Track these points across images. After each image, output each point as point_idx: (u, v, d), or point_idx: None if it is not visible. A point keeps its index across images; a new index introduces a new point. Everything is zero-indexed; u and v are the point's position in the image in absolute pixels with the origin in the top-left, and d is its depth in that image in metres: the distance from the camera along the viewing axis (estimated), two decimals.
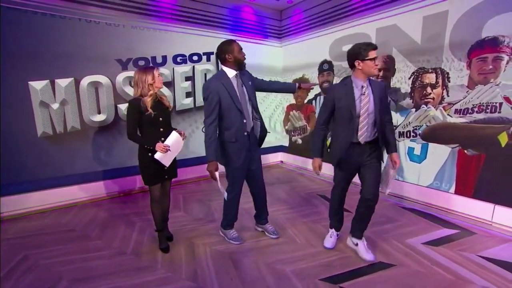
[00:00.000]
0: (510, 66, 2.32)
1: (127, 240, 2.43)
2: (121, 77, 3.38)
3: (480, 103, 2.51)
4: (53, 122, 3.09)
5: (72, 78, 3.13)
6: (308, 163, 4.48)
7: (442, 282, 1.82)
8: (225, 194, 2.24)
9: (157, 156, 2.02)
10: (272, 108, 4.87)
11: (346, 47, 3.62)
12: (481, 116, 2.51)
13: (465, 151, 2.63)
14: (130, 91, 3.42)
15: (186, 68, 3.80)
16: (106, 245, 2.36)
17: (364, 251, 2.09)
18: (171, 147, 2.06)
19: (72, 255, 2.20)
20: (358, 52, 1.83)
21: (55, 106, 3.08)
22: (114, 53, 3.34)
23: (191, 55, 3.85)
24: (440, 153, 2.82)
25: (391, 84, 3.22)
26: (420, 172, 3.00)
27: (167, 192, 2.33)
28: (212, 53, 4.00)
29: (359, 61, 1.83)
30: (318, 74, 4.17)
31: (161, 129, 2.10)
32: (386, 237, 2.39)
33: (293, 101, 4.73)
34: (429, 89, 2.86)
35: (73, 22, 3.07)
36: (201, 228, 2.64)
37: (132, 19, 3.39)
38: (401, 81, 3.13)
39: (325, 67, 4.06)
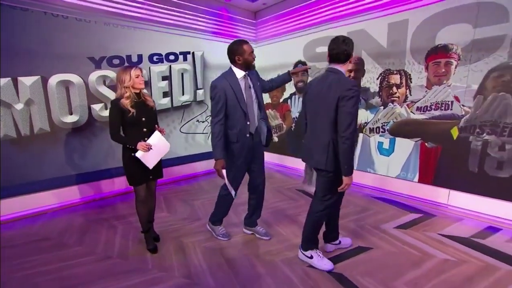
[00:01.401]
0: (458, 70, 2.68)
1: (111, 244, 2.36)
2: (94, 76, 3.23)
3: (436, 101, 2.85)
4: (17, 124, 2.86)
5: (38, 77, 2.92)
6: (284, 160, 4.66)
7: (412, 258, 2.06)
8: (233, 192, 2.21)
9: (138, 154, 1.99)
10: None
11: (320, 49, 3.93)
12: (437, 113, 2.85)
13: (426, 144, 2.97)
14: (104, 91, 3.29)
15: (162, 68, 3.74)
16: (88, 251, 2.27)
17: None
18: (153, 146, 2.04)
19: (51, 265, 2.09)
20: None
21: (19, 106, 2.85)
22: (86, 51, 3.18)
23: (168, 54, 3.79)
24: (405, 146, 3.14)
25: (361, 84, 3.50)
26: (389, 164, 3.31)
27: (152, 193, 2.31)
28: (189, 52, 3.98)
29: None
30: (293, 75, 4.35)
31: (144, 129, 2.08)
32: (362, 225, 2.62)
33: (269, 100, 4.87)
34: (394, 89, 3.17)
35: (38, 15, 2.85)
36: (187, 227, 2.65)
37: (104, 15, 3.25)
38: (370, 81, 3.41)
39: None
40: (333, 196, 1.89)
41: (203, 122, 4.27)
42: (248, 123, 2.11)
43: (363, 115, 3.51)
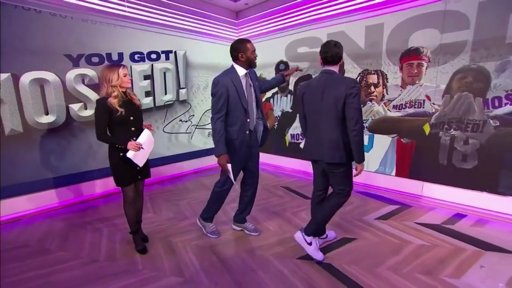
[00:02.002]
0: (428, 71, 2.90)
1: (97, 248, 2.30)
2: (72, 74, 3.09)
3: (410, 100, 3.07)
4: None
5: (9, 74, 2.75)
6: (268, 159, 4.74)
7: (392, 246, 2.22)
8: (237, 186, 2.26)
9: (130, 155, 1.96)
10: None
11: (301, 49, 4.05)
12: (411, 110, 3.07)
13: (402, 139, 3.18)
14: (84, 90, 3.17)
15: (144, 67, 3.66)
16: (72, 255, 2.19)
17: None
18: (143, 145, 2.02)
19: (34, 271, 1.99)
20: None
21: None
22: (62, 48, 3.04)
23: (149, 53, 3.72)
24: (383, 142, 3.34)
25: None
26: (368, 160, 3.50)
27: (140, 193, 2.28)
28: (171, 51, 3.93)
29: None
30: (275, 74, 4.44)
31: (132, 129, 2.05)
32: (346, 217, 2.75)
33: None
34: (372, 88, 3.36)
35: (7, 8, 2.68)
36: (175, 227, 2.64)
37: (81, 11, 3.12)
38: None
39: (282, 67, 4.35)
40: (350, 188, 2.00)
41: (186, 121, 4.24)
42: (248, 120, 2.15)
43: None
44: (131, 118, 2.04)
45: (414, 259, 2.03)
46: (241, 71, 2.11)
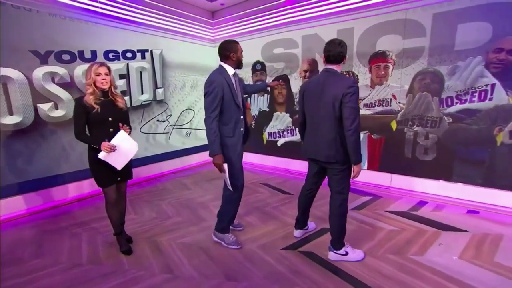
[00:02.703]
0: (394, 73, 3.18)
1: (77, 252, 2.22)
2: (39, 72, 2.92)
3: (378, 99, 3.34)
4: None
5: None
6: (247, 156, 4.82)
7: (367, 232, 2.43)
8: (230, 187, 2.17)
9: (101, 155, 1.92)
10: None
11: (277, 50, 4.19)
12: (380, 108, 3.34)
13: (372, 135, 3.45)
14: (54, 89, 3.01)
15: (119, 65, 3.56)
16: (51, 262, 2.10)
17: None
18: (118, 147, 1.97)
19: (10, 281, 1.89)
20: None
21: None
22: (27, 44, 2.85)
23: (125, 51, 3.62)
24: None
25: None
26: None
27: (122, 194, 2.25)
28: (147, 50, 3.86)
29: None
30: (252, 74, 4.54)
31: (111, 130, 2.01)
32: (323, 210, 2.91)
33: None
34: None
35: None
36: (159, 227, 2.63)
37: (48, 4, 2.96)
38: None
39: (258, 67, 4.46)
40: (348, 186, 2.01)
41: (163, 121, 4.18)
42: (242, 117, 2.17)
43: None
44: (110, 119, 2.00)
45: (386, 242, 2.25)
46: (230, 70, 2.12)
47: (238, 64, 2.16)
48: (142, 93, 3.84)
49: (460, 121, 2.85)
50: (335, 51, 1.86)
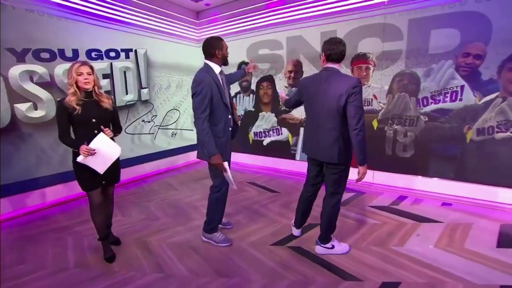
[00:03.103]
0: (374, 74, 3.34)
1: (63, 256, 2.17)
2: (16, 70, 2.79)
3: None
4: None
5: None
6: (233, 156, 4.85)
7: (351, 226, 2.54)
8: (234, 185, 2.12)
9: (79, 159, 1.85)
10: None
11: (262, 51, 4.26)
12: None
13: None
14: (32, 88, 2.90)
15: (102, 65, 3.48)
16: (35, 267, 2.04)
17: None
18: (98, 150, 1.88)
19: None
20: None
21: None
22: (3, 41, 2.73)
23: (108, 51, 3.54)
24: None
25: None
26: None
27: (109, 198, 2.19)
28: (131, 50, 3.80)
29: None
30: None
31: (95, 131, 1.92)
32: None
33: None
34: None
35: None
36: (147, 227, 2.61)
37: (26, 0, 2.85)
38: None
39: (243, 67, 4.50)
40: (344, 187, 2.03)
41: (149, 122, 4.12)
42: (229, 116, 2.14)
43: (304, 111, 3.98)
44: (93, 120, 1.92)
45: (369, 235, 2.37)
46: (216, 68, 2.08)
47: (224, 62, 2.12)
48: (127, 94, 3.77)
49: (435, 120, 3.04)
50: (338, 50, 1.81)
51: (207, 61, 2.09)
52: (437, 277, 1.83)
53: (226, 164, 2.01)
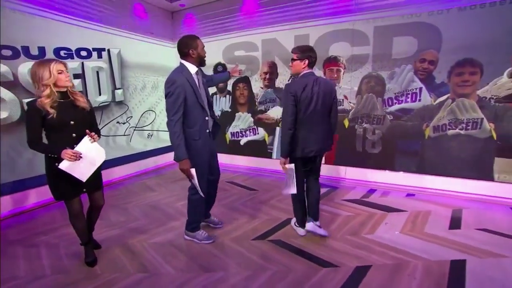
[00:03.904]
0: (345, 76, 3.58)
1: (38, 263, 2.09)
2: None
3: None
4: None
5: None
6: None
7: (327, 219, 2.71)
8: (201, 192, 2.11)
9: (63, 165, 1.70)
10: None
11: (238, 53, 4.34)
12: None
13: None
14: None
15: (73, 64, 3.34)
16: (7, 277, 1.94)
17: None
18: (84, 155, 1.75)
19: None
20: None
21: None
22: None
23: (79, 49, 3.41)
24: None
25: (276, 84, 4.11)
26: None
27: (98, 208, 2.09)
28: (104, 49, 3.69)
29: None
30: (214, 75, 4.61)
31: (74, 135, 1.80)
32: (289, 202, 3.16)
33: None
34: None
35: None
36: (128, 229, 2.58)
37: None
38: (283, 82, 4.05)
39: (219, 69, 4.55)
40: None
41: (124, 123, 4.02)
42: (206, 118, 2.12)
43: (279, 111, 4.13)
44: (71, 122, 1.79)
45: (344, 226, 2.56)
46: (192, 68, 2.03)
47: (200, 62, 2.06)
48: (100, 94, 3.66)
49: (399, 118, 3.33)
50: (316, 56, 2.14)
51: (182, 61, 2.05)
52: (402, 258, 2.04)
53: (193, 171, 1.98)
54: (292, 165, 2.15)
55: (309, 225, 2.37)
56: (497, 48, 2.74)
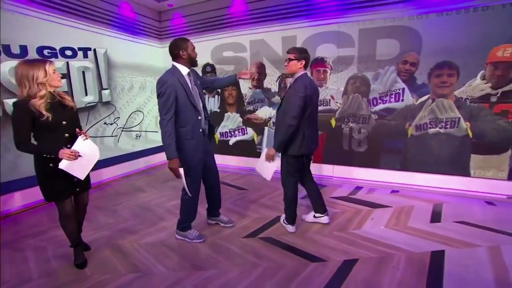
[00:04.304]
0: (331, 77, 3.68)
1: (25, 268, 2.04)
2: None
3: (319, 99, 3.79)
4: None
5: None
6: None
7: None
8: (189, 193, 2.17)
9: (62, 165, 1.70)
10: (157, 109, 4.84)
11: (227, 53, 4.37)
12: (321, 108, 3.79)
13: None
14: None
15: (58, 64, 3.24)
16: None
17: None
18: (82, 154, 1.77)
19: None
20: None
21: None
22: None
23: (63, 49, 3.33)
24: None
25: (264, 85, 4.16)
26: None
27: (84, 207, 2.10)
28: (90, 49, 3.63)
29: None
30: (202, 75, 4.62)
31: (66, 135, 1.80)
32: (278, 200, 3.23)
33: None
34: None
35: None
36: (117, 231, 2.56)
37: None
38: (271, 83, 4.11)
39: (208, 69, 4.57)
40: None
41: (111, 124, 3.97)
42: (199, 117, 2.16)
43: (267, 111, 4.20)
44: (64, 122, 1.79)
45: (332, 222, 2.64)
46: (184, 69, 2.09)
47: (191, 62, 2.13)
48: (86, 95, 3.60)
49: (383, 117, 3.46)
50: (309, 58, 2.30)
51: (174, 63, 2.12)
52: (387, 251, 2.14)
53: (181, 170, 2.03)
54: (278, 159, 2.39)
55: (325, 218, 2.60)
56: (472, 52, 2.91)
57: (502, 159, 2.98)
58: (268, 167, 2.40)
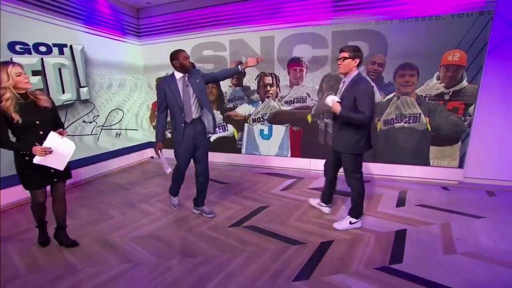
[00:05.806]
0: (307, 76, 3.91)
1: (10, 265, 2.04)
2: None
3: (296, 97, 4.02)
4: None
5: None
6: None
7: (294, 206, 3.01)
8: (168, 170, 2.66)
9: (36, 160, 1.83)
10: (137, 106, 4.81)
11: (206, 52, 4.45)
12: (298, 105, 4.03)
13: (293, 128, 4.12)
14: None
15: (31, 60, 3.17)
16: None
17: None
18: (54, 149, 1.87)
19: None
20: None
21: None
22: None
23: (37, 44, 3.24)
24: (279, 131, 4.21)
25: (243, 83, 4.31)
26: (269, 146, 4.31)
27: (61, 196, 2.18)
28: (66, 45, 3.55)
29: None
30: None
31: (41, 133, 1.89)
32: (259, 192, 3.41)
33: None
34: (268, 87, 4.15)
35: None
36: (104, 227, 2.60)
37: None
38: (250, 81, 4.27)
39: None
40: None
41: (90, 122, 3.91)
42: (183, 114, 2.54)
43: (247, 109, 4.36)
44: (37, 122, 1.87)
45: (309, 211, 2.87)
46: (178, 75, 2.53)
47: (183, 69, 2.51)
48: (64, 92, 3.52)
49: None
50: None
51: (173, 69, 2.56)
52: (359, 233, 2.40)
53: (161, 154, 2.59)
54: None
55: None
56: (429, 55, 3.27)
57: (454, 150, 3.40)
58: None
